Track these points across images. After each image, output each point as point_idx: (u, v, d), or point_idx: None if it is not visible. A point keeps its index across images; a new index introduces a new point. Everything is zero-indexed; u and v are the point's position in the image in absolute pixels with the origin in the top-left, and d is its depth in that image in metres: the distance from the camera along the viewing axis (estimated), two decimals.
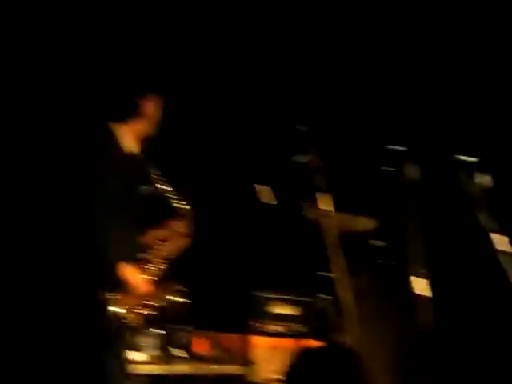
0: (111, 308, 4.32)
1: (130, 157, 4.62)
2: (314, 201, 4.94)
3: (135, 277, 4.42)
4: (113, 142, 4.58)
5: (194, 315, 5.50)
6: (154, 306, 4.51)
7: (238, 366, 5.34)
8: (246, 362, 5.29)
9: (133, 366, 4.69)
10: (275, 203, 5.29)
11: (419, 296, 4.51)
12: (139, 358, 5.03)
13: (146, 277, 4.50)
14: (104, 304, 4.32)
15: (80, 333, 4.52)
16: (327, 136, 5.77)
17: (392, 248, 5.42)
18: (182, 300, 4.65)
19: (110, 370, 4.41)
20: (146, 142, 4.69)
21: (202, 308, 5.65)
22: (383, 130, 6.05)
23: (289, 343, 5.45)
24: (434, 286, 4.70)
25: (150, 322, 4.60)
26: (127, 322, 4.37)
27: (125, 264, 4.39)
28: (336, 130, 6.24)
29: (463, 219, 4.85)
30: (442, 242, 5.62)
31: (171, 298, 4.61)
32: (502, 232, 4.08)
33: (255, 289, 5.57)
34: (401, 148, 4.83)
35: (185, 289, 4.63)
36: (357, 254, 5.48)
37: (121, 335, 4.41)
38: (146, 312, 4.47)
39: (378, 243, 5.51)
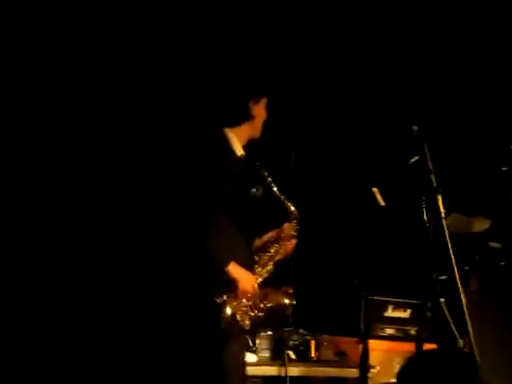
0: (226, 310, 4.36)
1: (241, 160, 4.66)
2: (428, 202, 4.86)
3: (247, 279, 4.45)
4: (227, 147, 4.63)
5: (308, 317, 5.51)
6: (266, 308, 4.53)
7: (354, 369, 5.31)
8: (365, 365, 5.23)
9: (246, 367, 4.73)
10: (384, 205, 5.24)
11: None
12: (252, 360, 5.09)
13: (257, 279, 4.52)
14: (219, 306, 4.36)
15: (198, 335, 4.57)
16: (443, 136, 5.69)
17: (507, 249, 5.30)
18: (294, 302, 4.63)
19: (227, 371, 4.44)
20: (252, 144, 4.73)
21: (315, 310, 5.66)
22: (502, 130, 5.93)
23: (405, 347, 5.39)
24: None
25: (261, 324, 4.62)
26: (239, 323, 4.40)
27: (237, 266, 4.42)
28: (454, 130, 6.16)
29: None
30: None
31: (283, 300, 4.60)
32: None
33: (371, 292, 5.53)
34: None
35: (294, 291, 4.62)
36: (470, 255, 5.37)
37: (237, 337, 4.44)
38: (258, 314, 4.49)
39: (494, 244, 5.39)
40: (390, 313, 5.63)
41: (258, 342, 5.12)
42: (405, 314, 5.65)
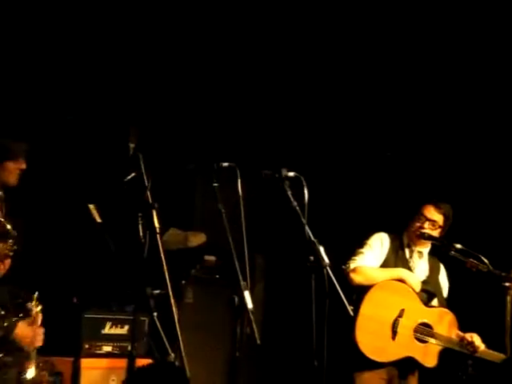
0: None
1: None
2: (142, 218, 4.89)
3: None
4: None
5: None
6: None
7: None
8: None
9: None
10: (101, 221, 5.21)
11: (245, 309, 4.52)
12: None
13: None
14: None
15: None
16: (160, 152, 5.77)
17: (221, 262, 5.45)
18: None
19: None
20: None
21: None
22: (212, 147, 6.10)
23: (122, 363, 5.37)
24: (263, 300, 4.73)
25: None
26: None
27: None
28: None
29: (289, 232, 4.92)
30: (269, 255, 5.69)
31: None
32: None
33: (86, 310, 5.50)
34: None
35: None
36: (186, 269, 5.47)
37: None
38: None
39: (209, 258, 5.52)
40: (108, 330, 5.61)
41: None
42: (122, 331, 5.65)
